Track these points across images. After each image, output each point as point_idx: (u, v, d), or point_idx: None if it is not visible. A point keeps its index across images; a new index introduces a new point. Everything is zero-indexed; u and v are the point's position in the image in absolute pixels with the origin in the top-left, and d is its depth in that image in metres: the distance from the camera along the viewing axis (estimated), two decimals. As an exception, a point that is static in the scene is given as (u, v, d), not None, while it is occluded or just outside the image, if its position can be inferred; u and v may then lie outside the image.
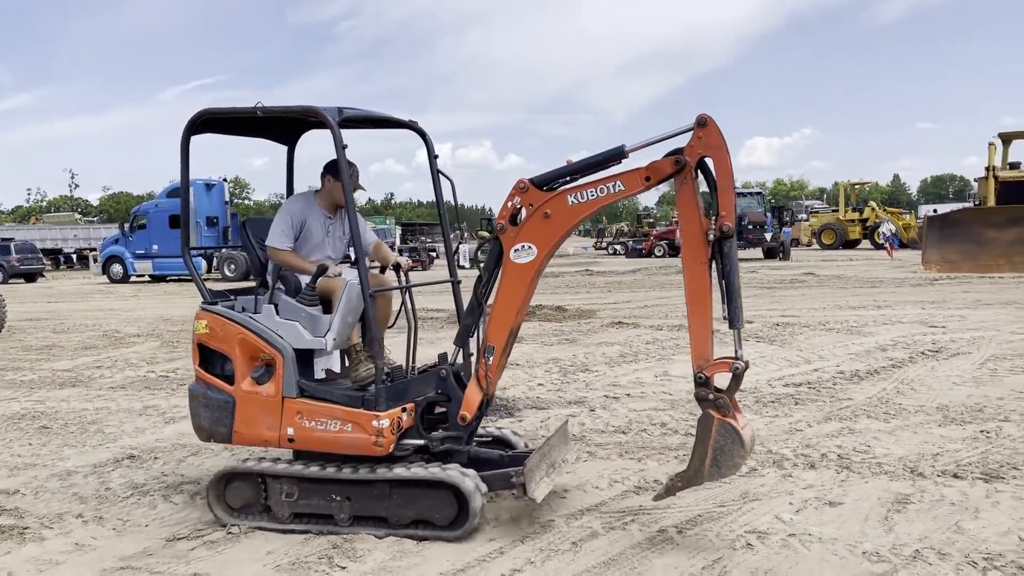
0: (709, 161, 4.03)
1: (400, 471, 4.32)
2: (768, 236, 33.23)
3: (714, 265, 4.03)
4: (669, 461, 5.49)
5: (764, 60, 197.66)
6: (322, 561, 4.07)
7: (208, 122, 4.77)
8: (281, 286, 4.72)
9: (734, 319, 3.96)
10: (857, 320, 12.30)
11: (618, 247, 45.04)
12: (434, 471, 4.28)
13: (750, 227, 31.15)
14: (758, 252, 32.84)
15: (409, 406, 4.46)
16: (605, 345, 10.59)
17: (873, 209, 40.27)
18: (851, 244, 39.61)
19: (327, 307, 4.65)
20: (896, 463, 5.31)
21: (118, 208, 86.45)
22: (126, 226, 30.74)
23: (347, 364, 4.93)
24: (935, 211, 35.18)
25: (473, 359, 4.65)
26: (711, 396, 4.01)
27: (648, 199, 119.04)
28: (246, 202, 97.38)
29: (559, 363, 9.38)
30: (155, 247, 29.02)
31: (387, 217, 72.71)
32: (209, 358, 4.72)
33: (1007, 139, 25.37)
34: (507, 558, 4.03)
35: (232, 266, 27.98)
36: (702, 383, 4.02)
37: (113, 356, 11.00)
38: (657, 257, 37.01)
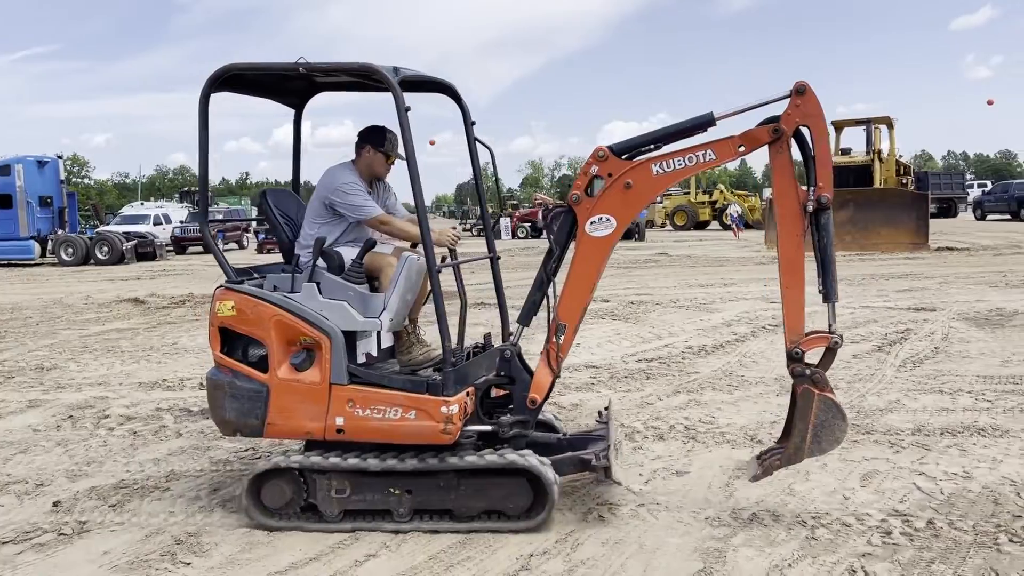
0: (804, 130, 3.96)
1: (474, 459, 4.01)
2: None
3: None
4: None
5: (623, 44, 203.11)
6: (164, 558, 3.87)
7: (230, 79, 4.26)
8: (323, 263, 4.30)
9: (830, 292, 3.94)
10: (705, 297, 12.89)
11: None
12: (513, 458, 4.00)
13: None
14: (615, 233, 33.78)
15: (470, 390, 4.20)
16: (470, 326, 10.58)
17: (721, 192, 42.33)
18: (702, 225, 41.49)
19: (372, 285, 4.32)
20: (738, 432, 5.61)
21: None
22: None
23: (380, 347, 4.60)
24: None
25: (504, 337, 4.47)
26: (808, 371, 3.99)
27: (512, 181, 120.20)
28: (85, 181, 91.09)
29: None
30: None
31: (242, 198, 69.87)
32: (232, 343, 4.26)
33: (839, 127, 27.12)
34: (362, 544, 3.97)
35: (70, 250, 26.09)
36: (797, 358, 3.99)
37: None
38: (520, 238, 37.43)
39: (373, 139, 4.56)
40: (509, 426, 4.21)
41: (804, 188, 3.96)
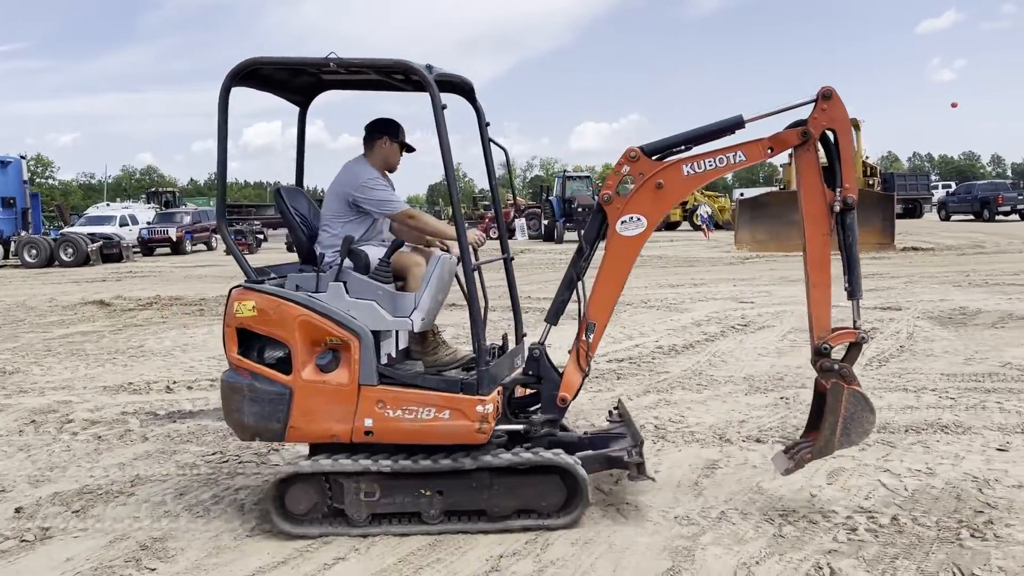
0: (830, 134, 4.09)
1: (509, 457, 4.01)
2: (596, 218, 34.33)
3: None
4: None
5: (595, 45, 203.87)
6: (129, 564, 3.81)
7: (248, 74, 4.14)
8: (349, 262, 4.20)
9: (856, 289, 4.08)
10: (676, 297, 12.98)
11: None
12: (547, 456, 4.00)
13: (579, 210, 32.08)
14: (587, 234, 33.89)
15: (499, 389, 4.19)
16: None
17: (692, 193, 42.68)
18: (672, 226, 41.72)
19: (397, 285, 4.25)
20: (707, 431, 5.65)
21: None
22: None
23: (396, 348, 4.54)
24: (742, 194, 37.61)
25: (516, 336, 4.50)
26: (836, 367, 4.08)
27: (484, 182, 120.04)
28: (50, 181, 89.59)
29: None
30: None
31: (210, 198, 69.11)
32: (248, 345, 4.12)
33: (807, 128, 27.44)
34: (331, 547, 3.94)
35: (33, 251, 25.64)
36: (825, 353, 4.10)
37: None
38: (493, 239, 37.40)
39: (390, 130, 4.52)
40: (540, 425, 4.24)
41: (830, 190, 4.10)
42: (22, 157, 28.60)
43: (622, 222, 4.17)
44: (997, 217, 36.81)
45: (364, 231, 4.49)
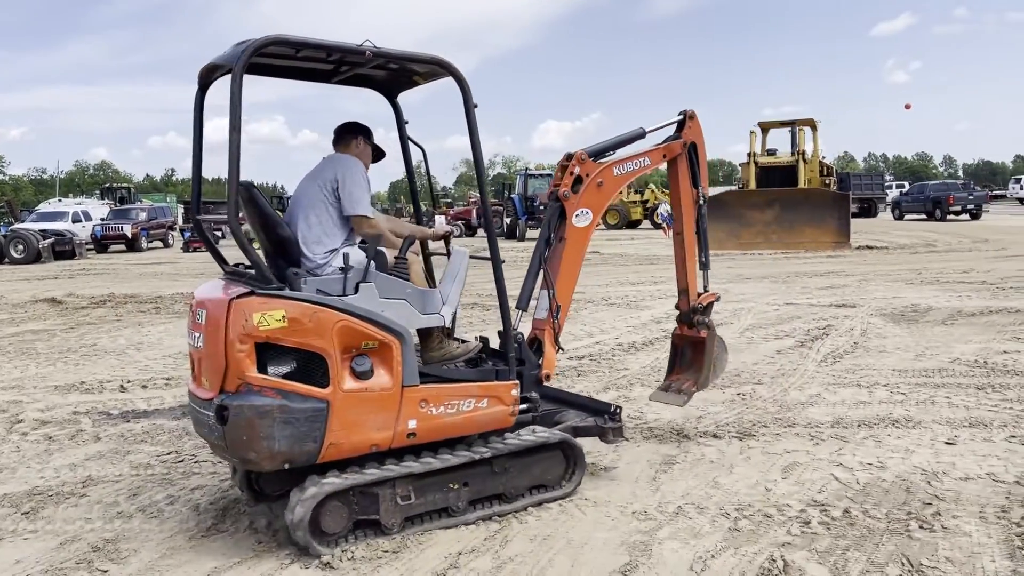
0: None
1: (527, 438, 4.26)
2: (558, 216, 34.38)
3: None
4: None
5: (557, 45, 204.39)
6: (80, 566, 3.74)
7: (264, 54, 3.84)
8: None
9: (707, 262, 5.34)
10: (636, 295, 13.08)
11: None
12: (553, 433, 4.35)
13: (541, 207, 32.12)
14: (549, 231, 33.98)
15: None
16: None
17: (652, 191, 42.91)
18: (633, 224, 41.99)
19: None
20: (665, 427, 5.71)
21: None
22: None
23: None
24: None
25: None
26: (707, 320, 5.34)
27: (447, 179, 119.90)
28: (0, 176, 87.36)
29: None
30: None
31: (167, 194, 68.01)
32: (269, 361, 3.69)
33: (765, 128, 27.82)
34: (285, 546, 3.90)
35: (19, 247, 24.94)
36: (700, 311, 5.35)
37: None
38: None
39: (366, 131, 4.50)
40: (538, 403, 4.51)
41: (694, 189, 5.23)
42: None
43: (576, 215, 4.72)
44: (948, 217, 37.67)
45: (350, 230, 4.28)
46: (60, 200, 43.65)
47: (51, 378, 7.82)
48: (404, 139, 4.86)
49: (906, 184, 58.02)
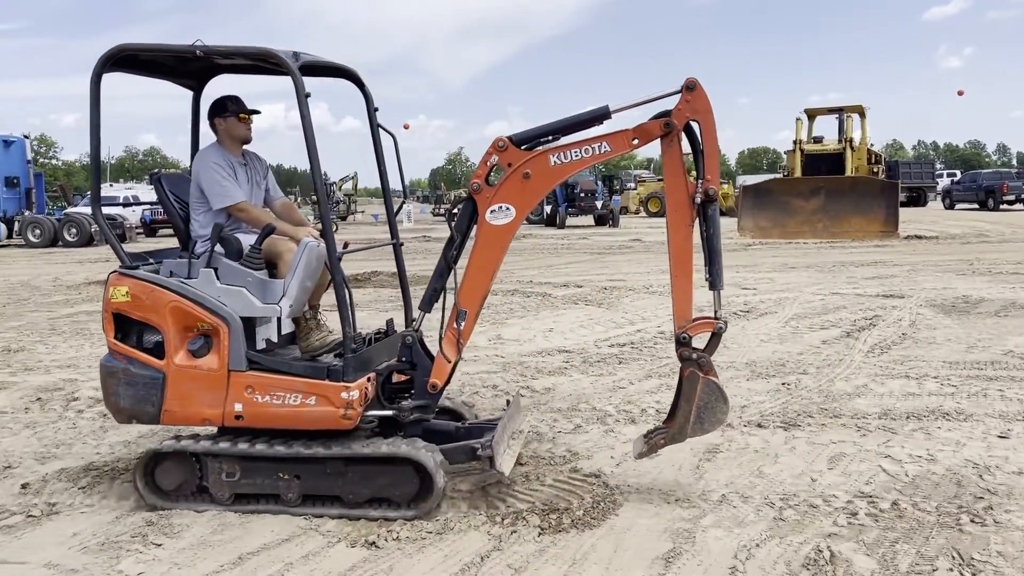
0: (695, 125, 4.05)
1: (358, 447, 4.04)
2: (599, 204, 34.32)
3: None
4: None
5: (598, 30, 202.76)
6: (135, 539, 3.85)
7: (123, 60, 4.22)
8: (221, 248, 4.24)
9: (716, 280, 4.12)
10: (678, 283, 12.95)
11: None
12: (395, 446, 4.02)
13: (582, 195, 32.00)
14: (589, 219, 33.90)
15: (371, 376, 4.20)
16: (437, 310, 10.59)
17: (694, 179, 42.56)
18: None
19: (271, 271, 4.27)
20: (708, 416, 5.67)
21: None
22: None
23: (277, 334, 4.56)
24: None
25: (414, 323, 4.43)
26: (695, 356, 4.11)
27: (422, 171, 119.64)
28: (53, 162, 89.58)
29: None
30: None
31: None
32: (126, 329, 4.23)
33: (812, 115, 27.35)
34: (325, 526, 3.97)
35: (37, 231, 25.64)
36: (685, 343, 4.12)
37: None
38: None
39: (216, 111, 4.57)
40: (410, 411, 4.23)
41: (693, 181, 4.06)
42: (26, 137, 28.51)
43: (491, 211, 4.13)
44: (1002, 206, 36.73)
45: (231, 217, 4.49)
46: (111, 185, 44.56)
47: (104, 358, 8.02)
48: (374, 126, 4.82)
49: (957, 173, 56.62)
